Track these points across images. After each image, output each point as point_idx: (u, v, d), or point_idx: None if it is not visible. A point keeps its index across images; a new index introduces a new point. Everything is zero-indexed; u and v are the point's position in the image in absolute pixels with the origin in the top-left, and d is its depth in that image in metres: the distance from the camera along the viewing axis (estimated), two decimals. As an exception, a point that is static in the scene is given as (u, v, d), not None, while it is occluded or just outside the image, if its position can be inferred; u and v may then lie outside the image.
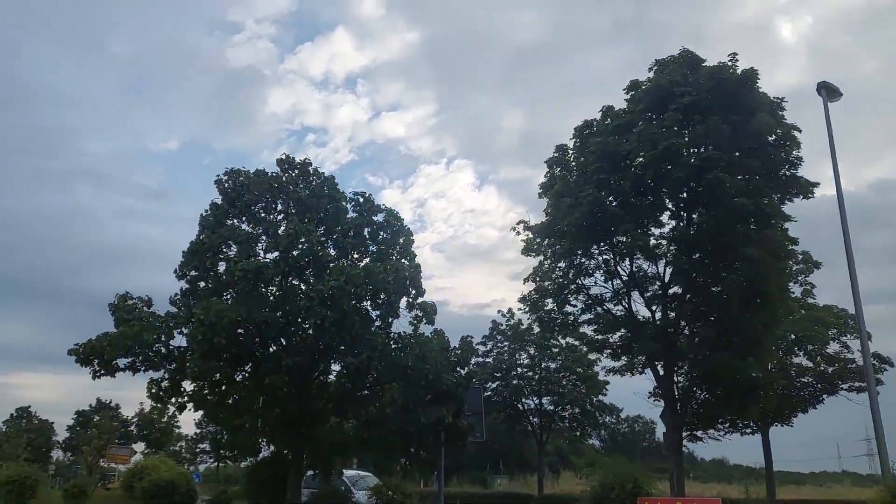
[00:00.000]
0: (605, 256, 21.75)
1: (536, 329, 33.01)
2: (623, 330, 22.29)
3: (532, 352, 33.72)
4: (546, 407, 33.47)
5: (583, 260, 21.94)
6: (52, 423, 67.11)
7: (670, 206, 21.07)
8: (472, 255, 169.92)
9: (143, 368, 19.12)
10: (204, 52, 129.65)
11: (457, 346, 20.46)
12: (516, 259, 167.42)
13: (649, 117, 20.37)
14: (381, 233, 21.28)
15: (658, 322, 21.43)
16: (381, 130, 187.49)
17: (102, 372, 18.98)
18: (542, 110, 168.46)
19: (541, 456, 35.38)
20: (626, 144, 19.90)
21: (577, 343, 33.22)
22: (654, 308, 21.71)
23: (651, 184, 20.16)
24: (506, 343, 34.35)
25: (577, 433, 35.21)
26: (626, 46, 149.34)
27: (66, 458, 63.15)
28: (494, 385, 33.08)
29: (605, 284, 22.18)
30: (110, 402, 63.63)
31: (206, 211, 21.06)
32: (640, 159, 19.81)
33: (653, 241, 20.96)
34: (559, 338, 33.40)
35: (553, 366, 33.48)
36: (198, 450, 67.19)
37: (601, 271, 21.90)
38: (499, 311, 35.29)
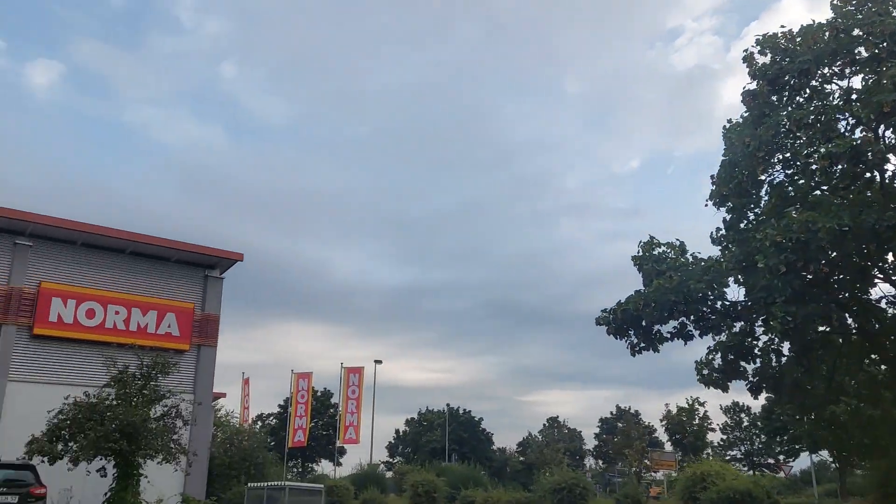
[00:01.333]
0: None
1: None
2: None
3: None
4: None
5: None
6: (580, 431, 69.16)
7: None
8: None
9: (697, 333, 13.94)
10: (648, 66, 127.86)
11: None
12: None
13: None
14: None
15: None
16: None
17: (643, 345, 14.42)
18: None
19: None
20: None
21: None
22: None
23: None
24: None
25: None
26: None
27: (597, 466, 63.78)
28: None
29: None
30: (629, 409, 62.44)
31: (728, 122, 15.22)
32: None
33: None
34: None
35: None
36: (727, 457, 60.59)
37: None
38: None
